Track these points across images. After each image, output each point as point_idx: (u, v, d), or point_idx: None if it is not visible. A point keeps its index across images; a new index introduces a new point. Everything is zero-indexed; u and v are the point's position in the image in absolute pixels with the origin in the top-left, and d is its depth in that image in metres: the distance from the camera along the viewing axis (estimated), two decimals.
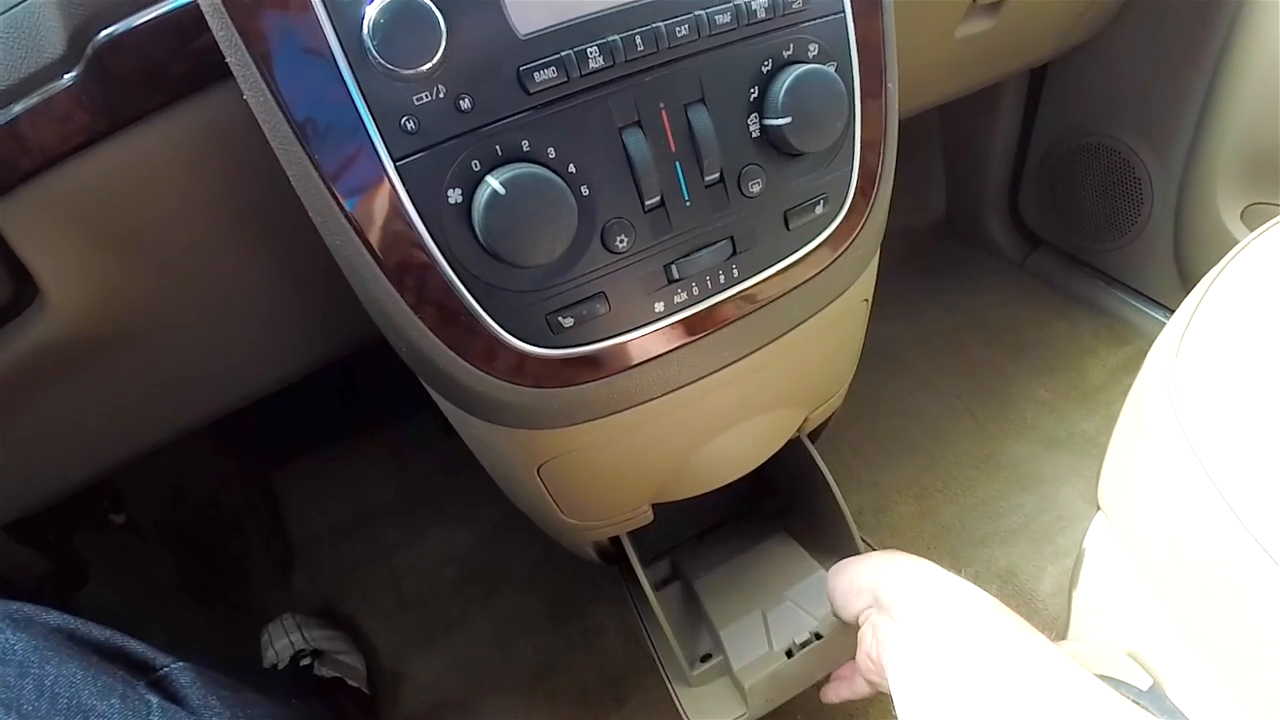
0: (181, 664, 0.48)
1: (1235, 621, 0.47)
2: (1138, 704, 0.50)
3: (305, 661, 0.89)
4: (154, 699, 0.44)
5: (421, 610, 0.98)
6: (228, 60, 0.33)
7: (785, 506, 0.78)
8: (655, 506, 0.62)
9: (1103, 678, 0.43)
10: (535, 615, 0.95)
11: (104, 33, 0.37)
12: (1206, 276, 0.58)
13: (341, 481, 1.14)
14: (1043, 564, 0.89)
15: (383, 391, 1.15)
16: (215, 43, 0.33)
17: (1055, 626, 0.79)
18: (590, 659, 0.90)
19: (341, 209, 0.34)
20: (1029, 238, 1.32)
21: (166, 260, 0.47)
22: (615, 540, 0.66)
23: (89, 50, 0.37)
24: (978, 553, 0.91)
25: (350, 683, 0.89)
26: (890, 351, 1.16)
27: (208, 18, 0.33)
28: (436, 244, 0.35)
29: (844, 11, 0.42)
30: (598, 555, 0.70)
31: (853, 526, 0.67)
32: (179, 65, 0.39)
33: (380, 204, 0.34)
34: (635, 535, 0.67)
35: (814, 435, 0.72)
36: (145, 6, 0.37)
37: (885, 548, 0.97)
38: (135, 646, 0.48)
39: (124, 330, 0.50)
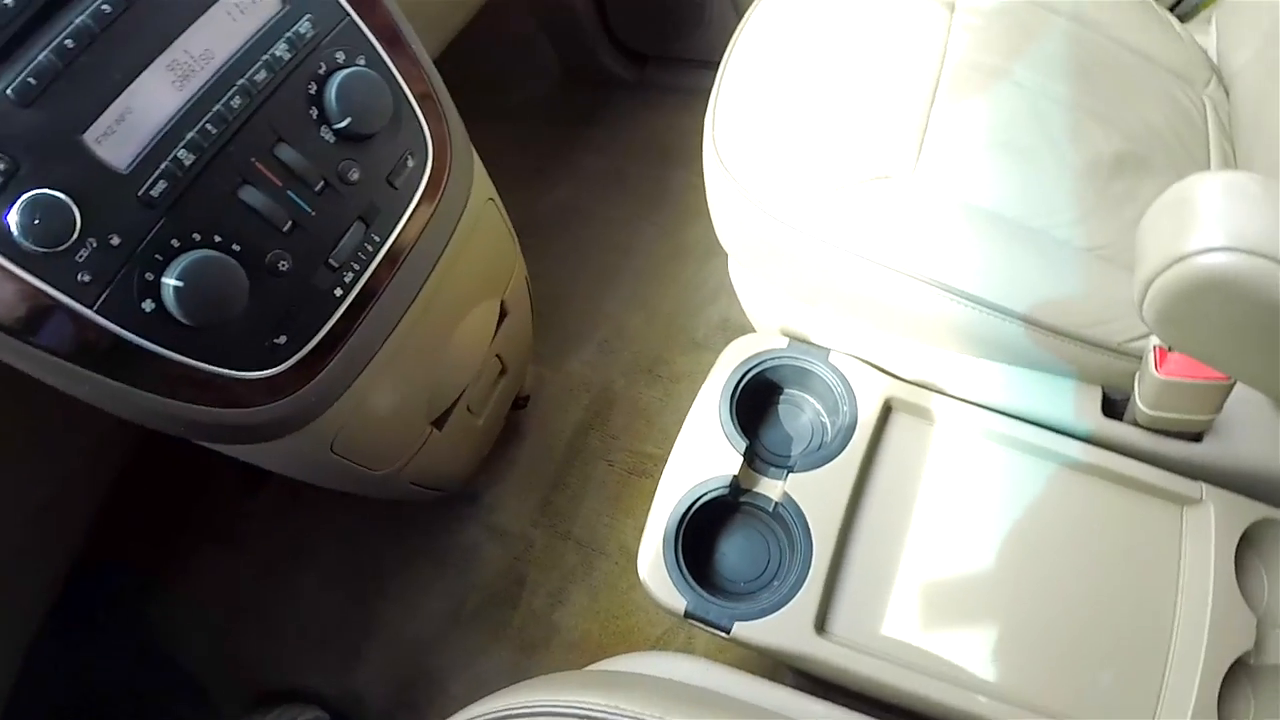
0: None
1: (800, 273, 0.69)
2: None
3: None
4: None
5: (332, 633, 1.02)
6: None
7: None
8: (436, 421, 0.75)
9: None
10: (427, 573, 1.03)
11: None
12: (733, 36, 0.76)
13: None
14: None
15: None
16: None
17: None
18: (481, 575, 1.01)
19: (73, 364, 0.44)
20: (636, 58, 1.45)
21: None
22: None
23: None
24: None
25: None
26: (568, 208, 1.30)
27: None
28: (159, 344, 0.46)
29: (349, 15, 0.53)
30: (424, 487, 0.83)
31: None
32: None
33: (101, 342, 0.44)
34: None
35: None
36: None
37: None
38: None
39: None
